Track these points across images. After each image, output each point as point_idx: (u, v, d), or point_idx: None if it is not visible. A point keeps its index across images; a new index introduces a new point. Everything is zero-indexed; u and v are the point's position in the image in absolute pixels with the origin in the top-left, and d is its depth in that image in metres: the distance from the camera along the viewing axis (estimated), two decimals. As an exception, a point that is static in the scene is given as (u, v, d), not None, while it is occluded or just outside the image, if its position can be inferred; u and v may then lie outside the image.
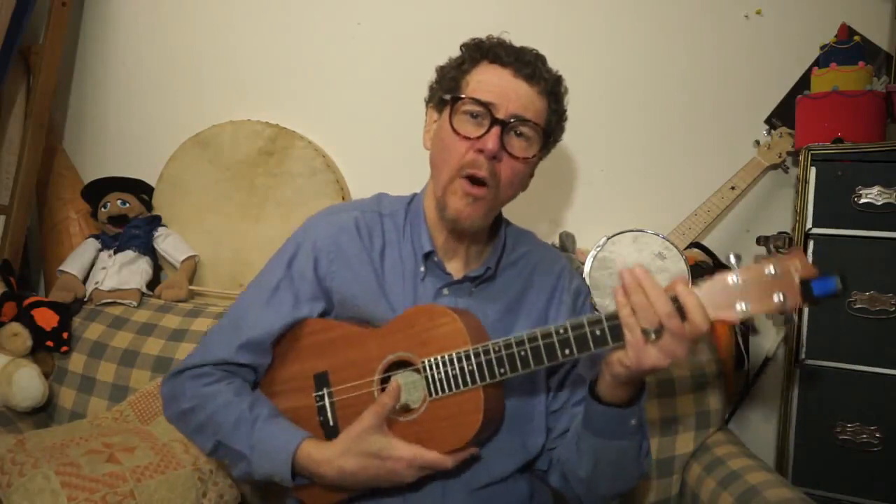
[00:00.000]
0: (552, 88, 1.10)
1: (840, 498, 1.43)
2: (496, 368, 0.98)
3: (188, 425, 1.13)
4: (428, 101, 1.17)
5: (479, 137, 1.04)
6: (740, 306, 0.86)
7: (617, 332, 0.92)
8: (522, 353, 0.97)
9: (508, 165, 1.06)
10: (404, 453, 1.00)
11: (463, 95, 1.06)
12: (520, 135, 1.06)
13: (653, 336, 0.89)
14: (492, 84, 1.06)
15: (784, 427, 1.48)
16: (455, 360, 1.00)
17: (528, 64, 1.06)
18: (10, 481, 1.15)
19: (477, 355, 0.99)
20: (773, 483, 1.21)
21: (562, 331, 0.95)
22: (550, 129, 1.12)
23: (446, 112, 1.07)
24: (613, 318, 0.92)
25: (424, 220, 1.15)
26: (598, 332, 0.93)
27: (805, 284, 0.84)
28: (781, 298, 0.85)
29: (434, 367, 1.01)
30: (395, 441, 1.01)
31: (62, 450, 1.22)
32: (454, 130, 1.05)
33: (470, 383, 0.99)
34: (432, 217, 1.14)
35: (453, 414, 1.01)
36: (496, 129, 1.03)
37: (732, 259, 0.89)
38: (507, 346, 0.98)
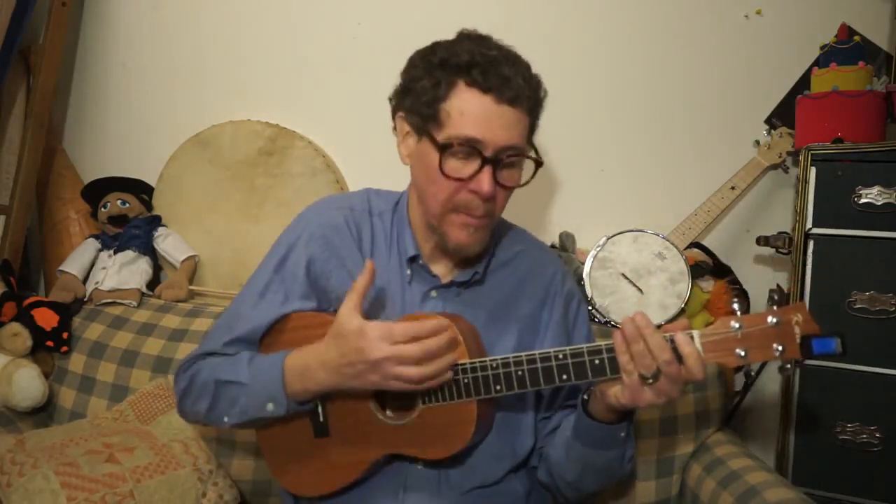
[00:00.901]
0: (534, 100, 1.05)
1: (840, 498, 1.43)
2: (492, 385, 0.98)
3: (192, 397, 1.11)
4: (396, 110, 1.10)
5: (471, 178, 0.99)
6: (740, 353, 0.89)
7: (615, 365, 0.94)
8: (520, 373, 0.97)
9: (502, 195, 1.04)
10: (370, 327, 0.95)
11: (451, 142, 0.99)
12: (510, 164, 1.02)
13: (650, 380, 0.91)
14: (474, 116, 0.98)
15: (784, 427, 1.48)
16: (451, 372, 0.99)
17: (508, 84, 0.98)
18: (9, 481, 1.15)
19: (474, 370, 0.98)
20: (773, 483, 1.20)
21: (561, 356, 0.95)
22: (532, 137, 1.08)
23: (431, 147, 1.01)
24: (613, 350, 0.94)
25: (409, 224, 1.13)
26: (596, 362, 0.94)
27: (805, 340, 0.86)
28: (781, 350, 0.87)
29: None
30: (369, 322, 0.96)
31: (62, 450, 1.22)
32: (445, 174, 1.00)
33: (465, 396, 0.99)
34: (418, 223, 1.12)
35: (446, 423, 1.01)
36: (488, 170, 0.99)
37: (735, 305, 0.91)
38: (506, 364, 0.97)
